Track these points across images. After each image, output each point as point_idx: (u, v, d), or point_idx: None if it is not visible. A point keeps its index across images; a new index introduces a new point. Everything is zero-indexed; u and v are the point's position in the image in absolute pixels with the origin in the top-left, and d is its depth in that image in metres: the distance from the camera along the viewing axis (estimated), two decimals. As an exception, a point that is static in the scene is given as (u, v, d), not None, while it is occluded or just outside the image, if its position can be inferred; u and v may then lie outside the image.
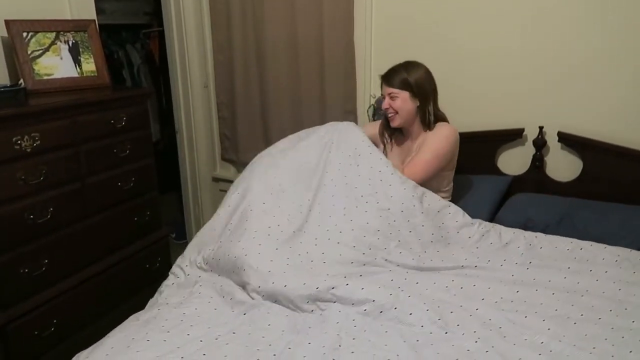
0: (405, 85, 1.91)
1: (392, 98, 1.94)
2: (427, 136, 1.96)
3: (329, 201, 1.78)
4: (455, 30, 2.28)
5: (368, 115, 2.56)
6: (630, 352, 1.22)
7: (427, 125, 1.96)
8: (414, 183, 1.81)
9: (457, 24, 2.28)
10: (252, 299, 1.50)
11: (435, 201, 1.82)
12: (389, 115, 1.98)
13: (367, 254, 1.65)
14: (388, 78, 1.95)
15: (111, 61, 3.58)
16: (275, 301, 1.49)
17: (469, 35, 2.26)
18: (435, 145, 1.91)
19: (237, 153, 3.05)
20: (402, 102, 1.93)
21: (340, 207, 1.77)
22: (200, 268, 1.71)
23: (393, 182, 1.79)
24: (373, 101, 2.53)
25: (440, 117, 1.99)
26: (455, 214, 1.81)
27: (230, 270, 1.61)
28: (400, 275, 1.57)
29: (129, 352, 1.29)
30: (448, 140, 1.93)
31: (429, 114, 1.94)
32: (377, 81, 2.51)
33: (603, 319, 1.36)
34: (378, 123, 2.16)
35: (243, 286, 1.55)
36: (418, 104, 1.94)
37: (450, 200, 1.99)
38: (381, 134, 2.10)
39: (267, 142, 2.92)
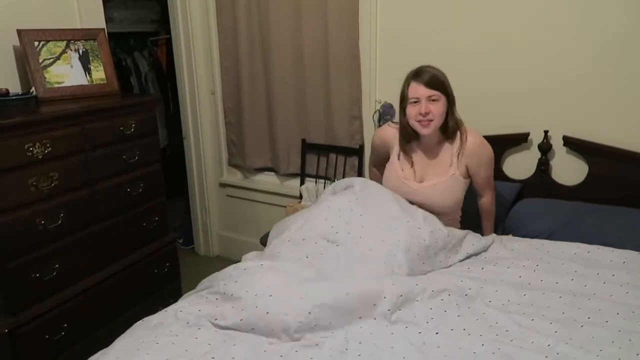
0: (443, 88, 1.77)
1: (433, 101, 1.76)
2: (457, 147, 1.85)
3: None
4: (460, 35, 2.30)
5: (374, 121, 2.57)
6: (638, 354, 1.23)
7: (446, 133, 1.85)
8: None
9: (462, 30, 2.29)
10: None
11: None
12: (423, 121, 1.77)
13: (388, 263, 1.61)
14: (427, 78, 1.75)
15: (119, 69, 3.63)
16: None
17: (473, 40, 2.28)
18: (489, 159, 1.90)
19: (243, 158, 3.08)
20: (442, 107, 1.77)
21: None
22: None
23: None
24: (379, 106, 2.54)
25: (459, 123, 1.89)
26: (462, 230, 1.84)
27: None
28: (408, 284, 1.53)
29: (138, 355, 1.30)
30: (484, 140, 1.88)
31: (454, 121, 1.83)
32: (383, 87, 2.56)
33: (610, 322, 1.36)
34: (386, 128, 2.05)
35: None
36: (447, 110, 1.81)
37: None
38: (402, 143, 1.93)
39: (274, 147, 2.95)
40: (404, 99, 1.84)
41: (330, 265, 1.60)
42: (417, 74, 1.80)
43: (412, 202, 1.87)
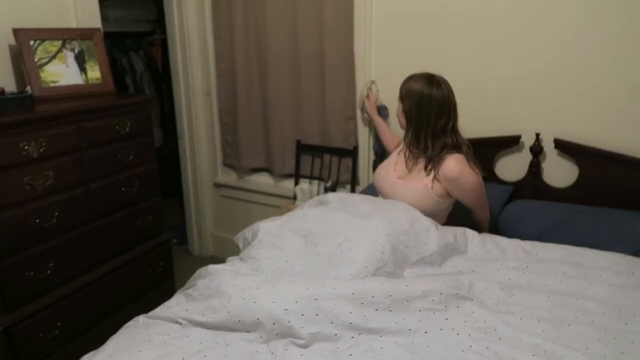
0: (399, 94, 1.87)
1: None
2: (437, 173, 1.81)
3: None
4: (452, 38, 2.32)
5: (368, 122, 2.60)
6: (622, 353, 1.25)
7: (417, 146, 1.84)
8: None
9: (455, 33, 2.31)
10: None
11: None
12: None
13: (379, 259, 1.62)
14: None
15: (114, 68, 3.62)
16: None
17: (466, 43, 2.30)
18: (472, 186, 1.83)
19: (238, 159, 3.09)
20: (398, 110, 1.90)
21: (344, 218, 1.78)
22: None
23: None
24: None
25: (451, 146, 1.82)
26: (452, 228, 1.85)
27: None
28: (398, 284, 1.54)
29: (130, 352, 1.31)
30: (465, 170, 1.79)
31: (423, 143, 1.81)
32: (377, 88, 2.58)
33: (596, 321, 1.39)
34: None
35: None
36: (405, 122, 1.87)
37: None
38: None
39: (268, 148, 2.96)
40: None
41: (315, 262, 1.62)
42: None
43: (387, 197, 1.94)
